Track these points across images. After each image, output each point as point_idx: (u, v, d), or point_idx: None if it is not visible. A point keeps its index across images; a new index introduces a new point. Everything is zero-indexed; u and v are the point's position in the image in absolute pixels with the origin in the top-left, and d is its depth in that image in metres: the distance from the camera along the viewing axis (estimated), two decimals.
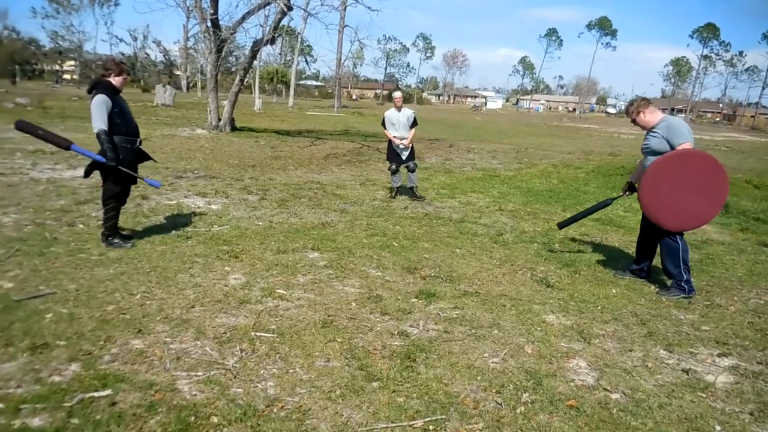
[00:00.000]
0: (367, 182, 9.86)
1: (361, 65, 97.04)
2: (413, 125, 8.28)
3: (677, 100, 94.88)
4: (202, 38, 19.41)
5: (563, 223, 5.93)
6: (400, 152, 8.35)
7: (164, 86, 31.53)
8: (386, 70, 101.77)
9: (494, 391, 2.96)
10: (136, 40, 66.09)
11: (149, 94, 40.78)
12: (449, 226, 6.85)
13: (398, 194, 8.52)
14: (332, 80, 60.92)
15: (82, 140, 5.03)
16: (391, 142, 8.36)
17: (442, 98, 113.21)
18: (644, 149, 4.83)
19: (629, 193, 5.24)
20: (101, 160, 4.79)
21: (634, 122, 4.90)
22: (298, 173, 10.46)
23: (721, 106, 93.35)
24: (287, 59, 63.88)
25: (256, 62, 32.72)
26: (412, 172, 8.47)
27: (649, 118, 4.76)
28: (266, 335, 3.47)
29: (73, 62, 67.48)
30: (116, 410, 2.57)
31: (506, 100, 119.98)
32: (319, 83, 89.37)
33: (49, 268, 4.38)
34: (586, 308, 4.28)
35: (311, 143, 15.86)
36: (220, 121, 17.15)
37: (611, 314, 4.18)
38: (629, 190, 5.21)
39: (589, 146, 21.08)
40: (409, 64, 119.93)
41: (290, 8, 16.74)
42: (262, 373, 3.02)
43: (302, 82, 75.78)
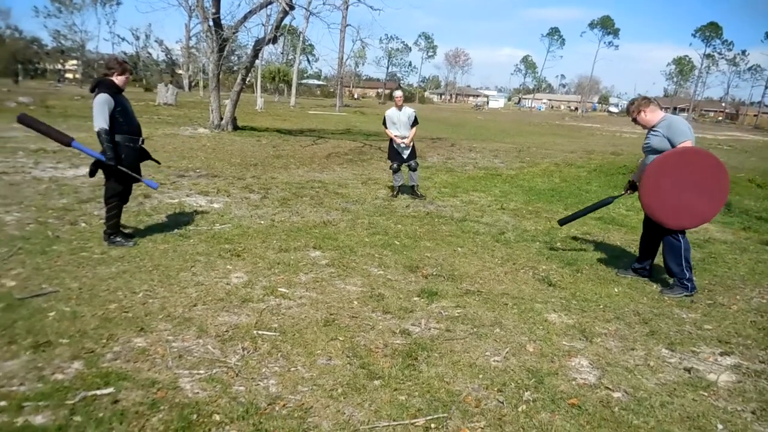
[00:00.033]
0: (368, 181, 9.86)
1: (363, 64, 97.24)
2: (414, 124, 8.28)
3: (680, 99, 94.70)
4: (204, 37, 19.45)
5: (564, 220, 5.93)
6: (401, 151, 8.35)
7: (166, 85, 31.55)
8: (388, 69, 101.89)
9: (496, 389, 2.96)
10: (138, 39, 66.26)
11: (151, 93, 40.82)
12: (451, 224, 6.85)
13: (400, 193, 8.52)
14: (334, 79, 60.91)
15: (83, 139, 5.04)
16: (392, 141, 8.37)
17: (444, 97, 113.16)
18: (645, 148, 4.82)
19: (630, 191, 5.23)
20: (101, 158, 4.80)
21: (635, 121, 4.89)
22: (299, 172, 10.46)
23: (723, 105, 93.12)
24: (289, 58, 63.86)
25: (258, 61, 32.70)
26: (413, 171, 8.48)
27: (650, 117, 4.75)
28: (268, 333, 3.47)
29: (75, 61, 67.63)
30: (118, 408, 2.58)
31: (508, 99, 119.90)
32: (321, 82, 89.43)
33: (51, 266, 4.39)
34: (588, 307, 4.27)
35: (313, 142, 15.87)
36: (222, 120, 17.17)
37: (613, 313, 4.18)
38: (631, 188, 5.20)
39: (591, 145, 21.05)
40: (411, 63, 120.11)
41: (292, 7, 16.75)
42: (264, 371, 3.03)
43: (304, 81, 75.79)
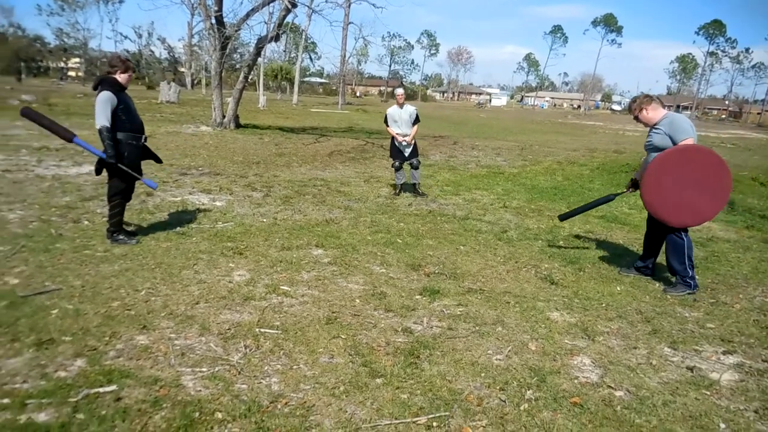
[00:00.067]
0: (371, 179, 9.86)
1: (365, 62, 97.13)
2: (415, 122, 8.27)
3: (683, 97, 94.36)
4: (206, 35, 19.46)
5: (564, 215, 5.94)
6: (402, 149, 8.34)
7: (169, 83, 31.54)
8: (390, 67, 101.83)
9: (498, 388, 2.96)
10: (140, 37, 66.56)
11: (154, 91, 40.86)
12: (453, 223, 6.85)
13: (402, 191, 8.52)
14: (336, 77, 60.87)
15: (86, 137, 5.05)
16: (394, 139, 8.37)
17: (446, 95, 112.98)
18: (647, 146, 4.82)
19: (633, 189, 5.22)
20: (102, 155, 4.80)
21: (636, 119, 4.88)
22: (302, 170, 10.47)
23: (727, 103, 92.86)
24: (291, 56, 63.80)
25: (260, 59, 32.70)
26: (415, 169, 8.48)
27: (651, 114, 4.74)
28: (270, 331, 3.48)
29: (78, 59, 67.72)
30: (121, 405, 2.59)
31: (511, 97, 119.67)
32: (323, 80, 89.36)
33: (54, 264, 4.40)
34: (590, 305, 4.27)
35: (315, 140, 15.87)
36: (224, 118, 17.18)
37: (616, 311, 4.17)
38: (633, 186, 5.19)
39: (593, 143, 21.02)
40: (413, 61, 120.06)
41: (294, 5, 16.74)
42: (266, 369, 3.03)
43: (306, 79, 75.70)
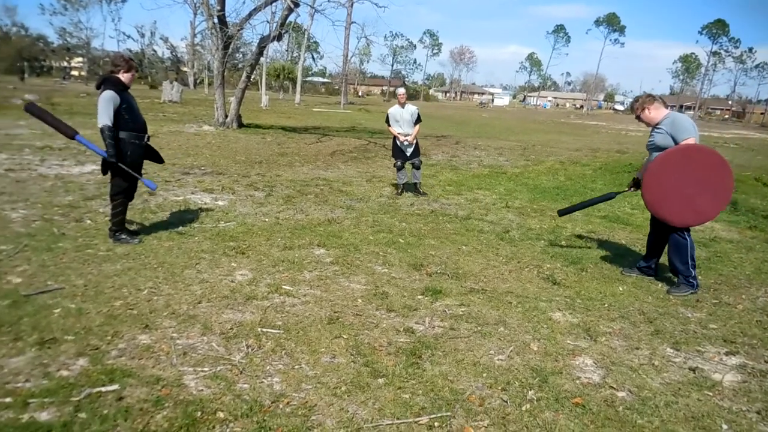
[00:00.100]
0: (373, 179, 9.86)
1: (367, 62, 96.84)
2: (417, 121, 8.27)
3: (686, 96, 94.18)
4: (209, 35, 19.45)
5: (564, 210, 5.95)
6: (404, 148, 8.35)
7: (171, 83, 31.60)
8: (393, 66, 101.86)
9: (500, 388, 2.96)
10: (143, 36, 66.72)
11: (156, 90, 40.90)
12: (455, 223, 6.85)
13: (404, 191, 8.52)
14: (339, 77, 60.94)
15: (88, 136, 5.07)
16: (395, 138, 8.37)
17: (448, 95, 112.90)
18: (649, 146, 4.81)
19: (634, 189, 5.21)
20: (103, 154, 4.81)
21: (638, 119, 4.87)
22: (304, 170, 10.47)
23: (730, 103, 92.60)
24: (294, 56, 63.83)
25: (262, 59, 32.74)
26: (417, 169, 8.48)
27: (654, 114, 4.73)
28: (272, 331, 3.48)
29: (80, 59, 67.80)
30: (123, 405, 2.59)
31: (513, 96, 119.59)
32: (325, 80, 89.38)
33: (57, 263, 4.41)
34: (592, 306, 4.26)
35: (318, 140, 15.87)
36: (226, 117, 17.20)
37: (618, 312, 4.16)
38: (634, 186, 5.18)
39: (596, 143, 20.99)
40: (415, 60, 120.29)
41: (297, 5, 16.75)
42: (268, 368, 3.03)
43: (309, 78, 75.79)
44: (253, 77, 22.68)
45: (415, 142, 8.37)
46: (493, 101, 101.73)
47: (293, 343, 3.34)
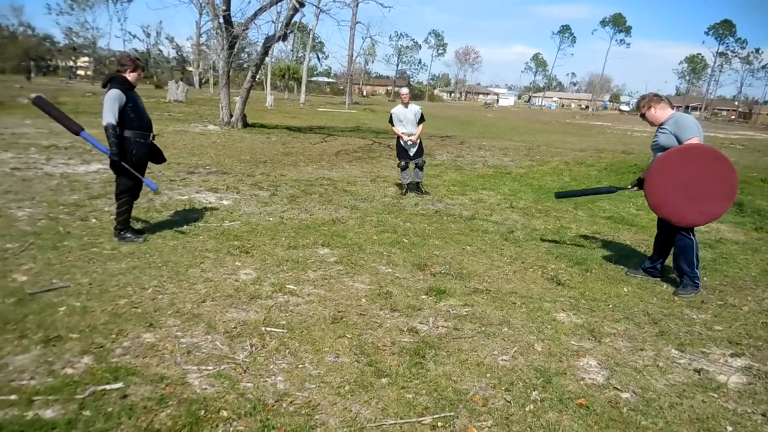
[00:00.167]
0: (377, 179, 9.87)
1: (372, 62, 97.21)
2: (420, 121, 8.28)
3: (692, 97, 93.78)
4: (214, 34, 19.54)
5: (562, 193, 6.01)
6: (408, 148, 8.35)
7: (177, 82, 31.69)
8: (398, 66, 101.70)
9: (503, 388, 2.96)
10: (149, 36, 67.17)
11: (162, 90, 41.06)
12: (460, 223, 6.84)
13: (409, 191, 8.52)
14: (344, 77, 60.93)
15: (93, 135, 5.08)
16: (399, 138, 8.37)
17: (453, 95, 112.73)
18: (654, 146, 4.79)
19: (637, 188, 5.16)
20: (106, 151, 4.82)
21: (643, 117, 4.86)
22: (309, 169, 10.48)
23: (736, 103, 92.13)
24: (299, 56, 64.01)
25: (267, 59, 32.81)
26: (419, 168, 8.49)
27: (659, 114, 4.72)
28: (276, 330, 3.48)
29: (87, 58, 68.14)
30: (127, 403, 2.60)
31: (518, 97, 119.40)
32: (330, 80, 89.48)
33: (62, 261, 4.43)
34: (597, 307, 4.25)
35: (322, 140, 15.88)
36: (231, 117, 17.24)
37: (622, 313, 4.15)
38: (638, 185, 5.14)
39: (601, 144, 20.91)
40: (420, 60, 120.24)
41: (302, 4, 16.77)
42: (271, 368, 3.03)
43: (314, 78, 75.75)
44: (258, 77, 22.73)
45: (418, 141, 8.38)
46: (498, 101, 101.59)
47: (297, 342, 3.35)
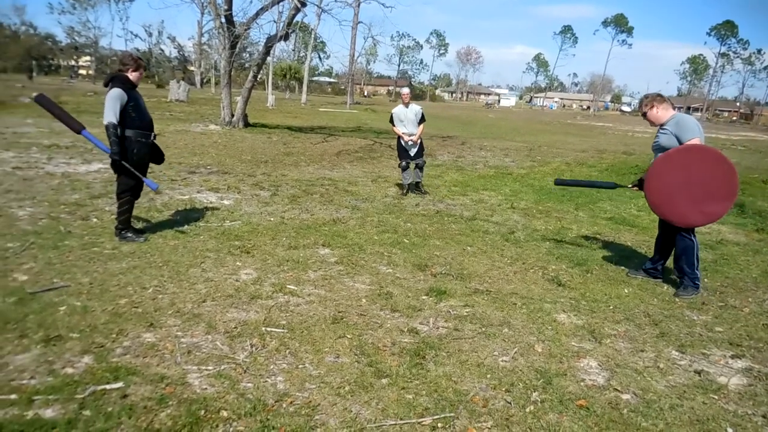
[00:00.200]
0: (378, 179, 9.87)
1: (374, 62, 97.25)
2: (421, 121, 8.29)
3: (693, 98, 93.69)
4: (216, 34, 19.55)
5: (561, 181, 6.05)
6: (408, 148, 8.35)
7: (178, 82, 31.67)
8: (399, 66, 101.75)
9: (504, 389, 2.95)
10: (150, 35, 66.92)
11: (163, 89, 41.07)
12: (460, 223, 6.84)
13: (409, 191, 8.52)
14: (345, 77, 60.94)
15: (96, 134, 5.09)
16: (400, 138, 8.37)
17: (455, 95, 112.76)
18: (654, 147, 4.79)
19: (638, 188, 5.13)
20: (106, 150, 4.83)
21: (644, 116, 4.85)
22: (310, 169, 10.48)
23: (738, 104, 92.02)
24: (300, 55, 63.95)
25: (269, 58, 32.78)
26: (420, 169, 8.49)
27: (661, 114, 4.71)
28: (276, 330, 3.48)
29: (88, 57, 68.15)
30: (127, 403, 2.60)
31: (520, 97, 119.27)
32: (331, 80, 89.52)
33: (63, 261, 4.44)
34: (597, 308, 4.25)
35: (323, 140, 15.89)
36: (233, 116, 17.24)
37: (623, 314, 4.15)
38: (639, 186, 5.12)
39: (603, 145, 20.90)
40: (422, 60, 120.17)
41: (304, 4, 16.76)
42: (272, 368, 3.04)
43: (315, 78, 75.77)
44: (259, 77, 22.74)
45: (419, 141, 8.38)
46: (499, 102, 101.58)
47: (297, 342, 3.35)
